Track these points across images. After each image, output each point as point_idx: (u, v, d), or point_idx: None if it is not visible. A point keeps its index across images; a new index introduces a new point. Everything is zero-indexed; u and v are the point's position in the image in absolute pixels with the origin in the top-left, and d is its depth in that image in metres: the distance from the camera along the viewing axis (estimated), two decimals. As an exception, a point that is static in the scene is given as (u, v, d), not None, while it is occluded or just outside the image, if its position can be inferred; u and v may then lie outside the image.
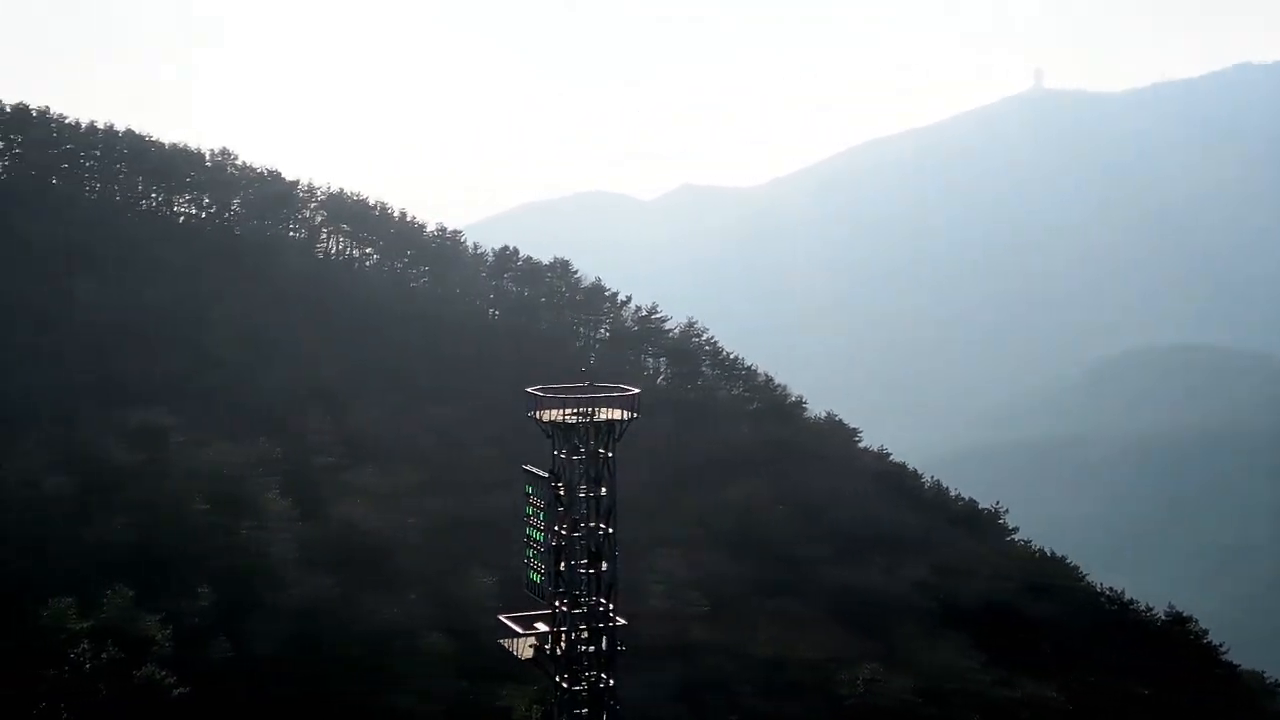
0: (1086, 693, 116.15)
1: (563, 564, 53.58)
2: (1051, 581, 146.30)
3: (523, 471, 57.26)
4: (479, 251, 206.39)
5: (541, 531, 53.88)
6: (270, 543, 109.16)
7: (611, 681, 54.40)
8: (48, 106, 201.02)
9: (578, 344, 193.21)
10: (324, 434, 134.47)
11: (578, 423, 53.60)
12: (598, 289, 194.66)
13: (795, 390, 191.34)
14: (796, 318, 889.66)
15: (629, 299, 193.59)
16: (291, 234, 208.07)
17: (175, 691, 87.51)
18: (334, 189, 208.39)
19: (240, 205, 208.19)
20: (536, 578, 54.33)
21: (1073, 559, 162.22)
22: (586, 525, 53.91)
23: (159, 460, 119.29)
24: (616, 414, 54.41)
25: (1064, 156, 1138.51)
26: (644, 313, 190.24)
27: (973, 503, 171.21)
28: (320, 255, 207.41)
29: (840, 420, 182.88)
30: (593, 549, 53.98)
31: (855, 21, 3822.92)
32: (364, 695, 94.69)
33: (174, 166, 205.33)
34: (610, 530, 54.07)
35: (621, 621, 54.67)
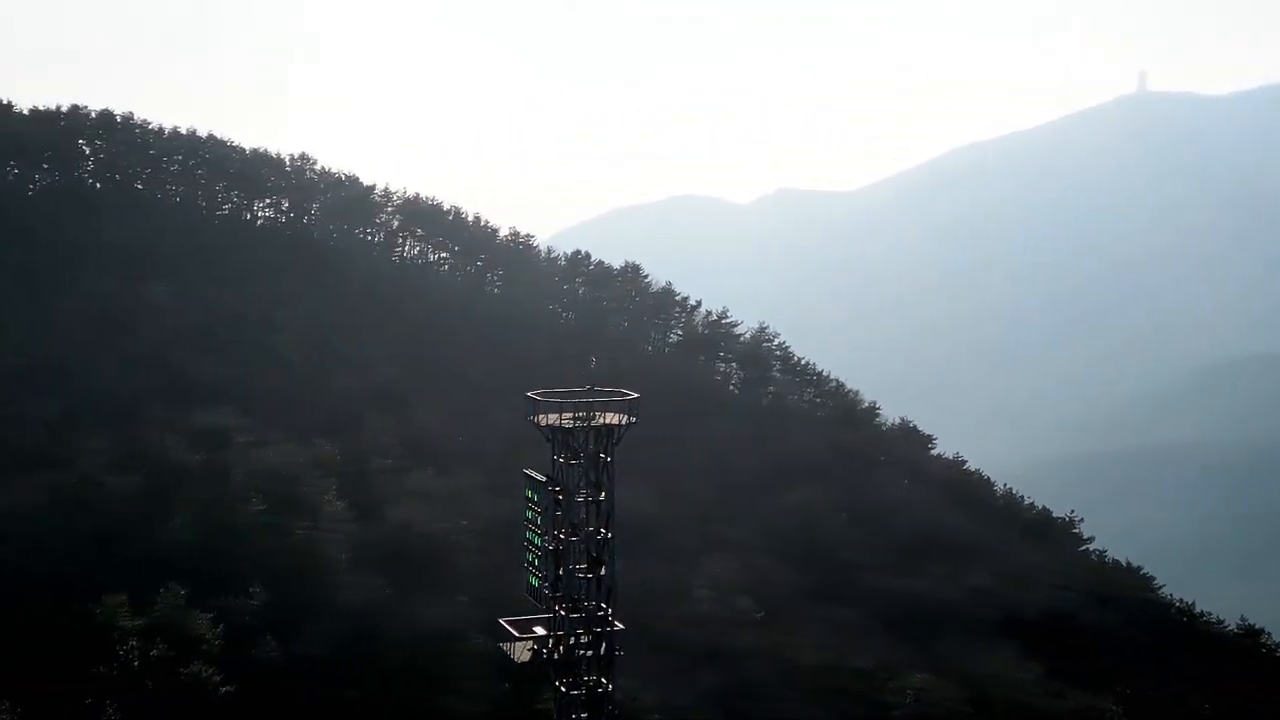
0: (1145, 705, 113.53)
1: (562, 569, 53.42)
2: (1120, 592, 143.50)
3: (523, 475, 57.14)
4: (552, 256, 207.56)
5: (540, 536, 53.86)
6: (324, 543, 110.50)
7: (610, 685, 54.28)
8: (132, 112, 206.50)
9: (648, 349, 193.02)
10: (385, 436, 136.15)
11: (575, 427, 53.36)
12: (668, 293, 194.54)
13: (882, 398, 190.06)
14: (889, 324, 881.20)
15: (699, 303, 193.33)
16: (367, 238, 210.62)
17: (221, 690, 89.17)
18: (410, 193, 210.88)
19: (319, 209, 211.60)
20: (535, 582, 54.43)
21: (1154, 571, 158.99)
22: (585, 530, 53.79)
23: (220, 460, 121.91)
24: (615, 418, 54.11)
25: (1169, 160, 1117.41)
26: (714, 317, 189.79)
27: (1046, 512, 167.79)
28: (395, 260, 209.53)
29: (914, 427, 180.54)
30: (592, 554, 53.84)
31: (954, 25, 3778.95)
32: (409, 697, 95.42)
33: (255, 171, 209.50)
34: (609, 535, 53.94)
35: (619, 626, 54.47)
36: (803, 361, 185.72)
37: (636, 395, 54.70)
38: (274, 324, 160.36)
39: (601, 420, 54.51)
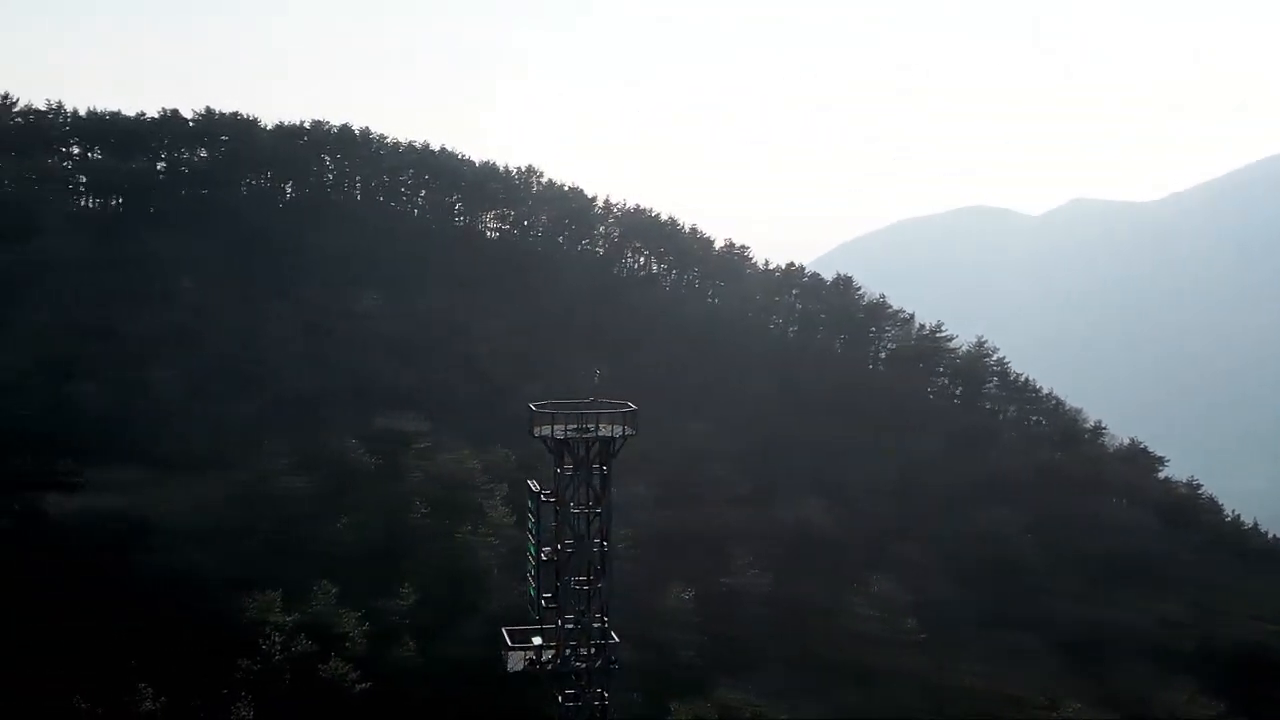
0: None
1: (560, 579, 53.07)
2: None
3: (526, 486, 57.07)
4: (769, 267, 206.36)
5: (538, 546, 53.57)
6: (481, 548, 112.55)
7: (606, 696, 53.62)
8: (368, 127, 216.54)
9: (868, 363, 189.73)
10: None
11: (569, 438, 52.88)
12: (880, 305, 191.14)
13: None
14: (1186, 339, 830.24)
15: (911, 316, 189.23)
16: (587, 249, 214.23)
17: (357, 688, 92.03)
18: (630, 205, 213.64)
19: (543, 221, 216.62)
20: (534, 591, 54.11)
21: None
22: (583, 541, 53.30)
23: (395, 464, 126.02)
24: (613, 430, 53.33)
25: None
26: (927, 330, 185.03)
27: (1275, 541, 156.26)
28: (613, 271, 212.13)
29: (1144, 448, 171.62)
30: (591, 564, 53.32)
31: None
32: (539, 701, 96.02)
33: (483, 183, 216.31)
34: (606, 545, 53.27)
35: (615, 639, 53.67)
36: (1022, 378, 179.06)
37: (634, 407, 53.60)
38: (476, 333, 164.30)
39: (600, 432, 53.06)
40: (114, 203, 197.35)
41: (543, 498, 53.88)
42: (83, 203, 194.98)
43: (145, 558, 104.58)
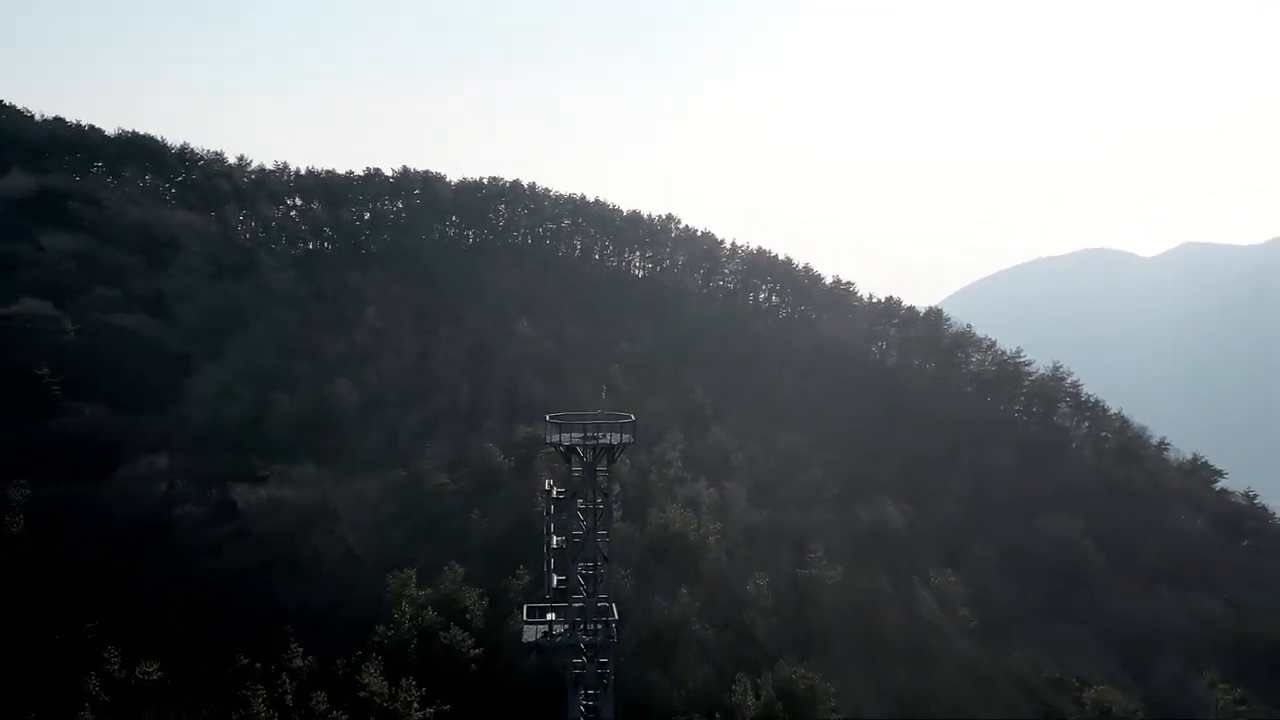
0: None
1: (570, 566, 53.10)
2: None
3: (543, 485, 56.99)
4: (872, 300, 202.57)
5: (552, 537, 53.61)
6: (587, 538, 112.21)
7: (608, 664, 53.36)
8: (534, 181, 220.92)
9: (955, 385, 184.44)
10: (675, 450, 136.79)
11: (575, 444, 52.58)
12: (967, 335, 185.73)
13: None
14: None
15: (993, 343, 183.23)
16: (716, 284, 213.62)
17: (471, 653, 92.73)
18: (753, 247, 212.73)
19: (682, 261, 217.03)
20: (549, 574, 54.01)
21: None
22: (589, 533, 53.15)
23: (527, 466, 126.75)
24: (614, 438, 52.85)
25: None
26: (1006, 356, 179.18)
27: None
28: (739, 303, 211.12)
29: (1204, 462, 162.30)
30: (595, 553, 53.08)
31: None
32: (626, 674, 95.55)
33: (630, 228, 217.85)
34: (607, 536, 52.92)
35: (615, 616, 53.20)
36: (1092, 399, 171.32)
37: (633, 418, 52.99)
38: (612, 355, 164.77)
39: (604, 440, 52.66)
40: (324, 245, 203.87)
41: (555, 495, 54.19)
42: (299, 245, 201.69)
43: (313, 541, 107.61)
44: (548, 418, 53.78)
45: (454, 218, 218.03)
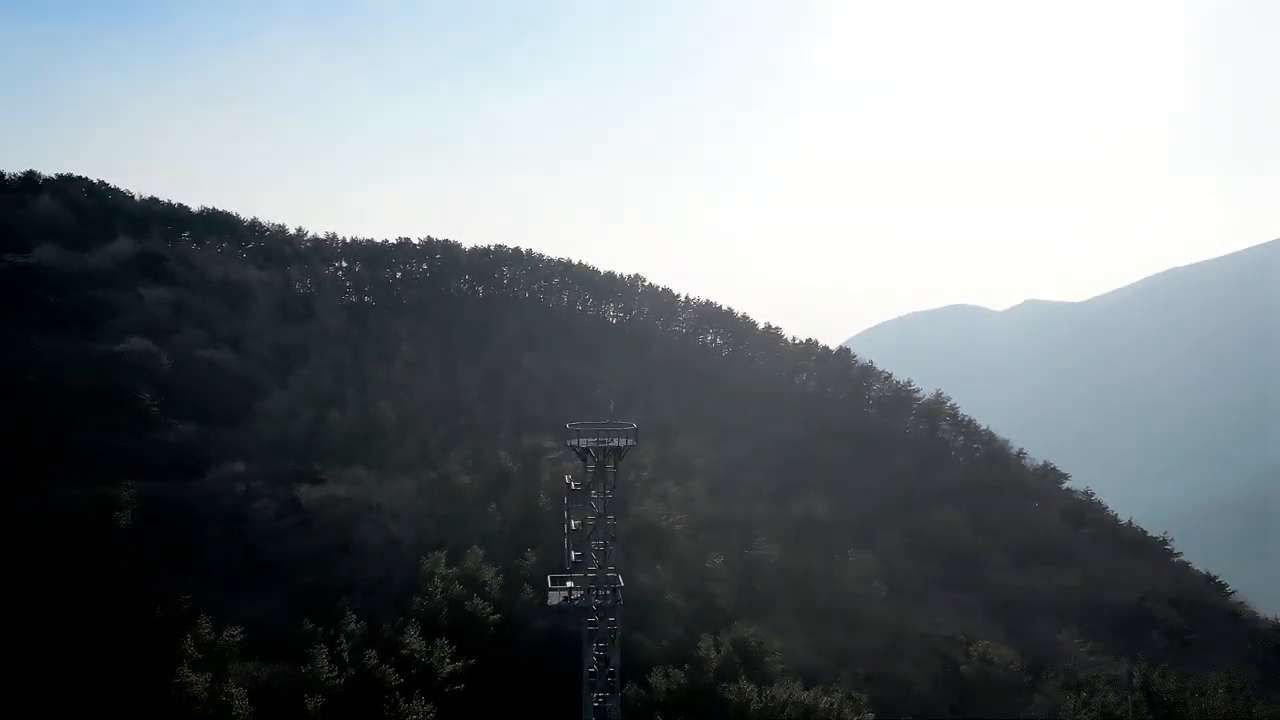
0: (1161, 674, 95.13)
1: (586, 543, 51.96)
2: (1189, 597, 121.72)
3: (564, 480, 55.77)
4: (795, 341, 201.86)
5: (570, 521, 52.42)
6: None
7: (615, 622, 51.98)
8: (531, 248, 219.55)
9: (862, 408, 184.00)
10: (648, 456, 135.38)
11: (589, 446, 51.51)
12: (869, 369, 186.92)
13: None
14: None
15: (890, 375, 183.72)
16: (674, 329, 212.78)
17: (491, 617, 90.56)
18: (701, 299, 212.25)
19: (646, 310, 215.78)
20: (568, 550, 52.76)
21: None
22: (600, 517, 52.01)
23: (533, 469, 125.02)
24: (620, 441, 51.84)
25: None
26: (899, 385, 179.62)
27: (1140, 530, 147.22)
28: (691, 345, 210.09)
29: (1053, 467, 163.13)
30: (605, 534, 51.96)
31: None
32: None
33: (606, 285, 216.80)
34: (614, 520, 51.77)
35: (621, 584, 51.94)
36: (966, 418, 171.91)
37: (634, 425, 52.00)
38: (596, 383, 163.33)
39: (612, 443, 51.65)
40: (365, 299, 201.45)
41: (573, 487, 53.14)
42: (347, 298, 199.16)
43: (362, 529, 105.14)
44: (568, 425, 52.69)
45: (468, 276, 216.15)
